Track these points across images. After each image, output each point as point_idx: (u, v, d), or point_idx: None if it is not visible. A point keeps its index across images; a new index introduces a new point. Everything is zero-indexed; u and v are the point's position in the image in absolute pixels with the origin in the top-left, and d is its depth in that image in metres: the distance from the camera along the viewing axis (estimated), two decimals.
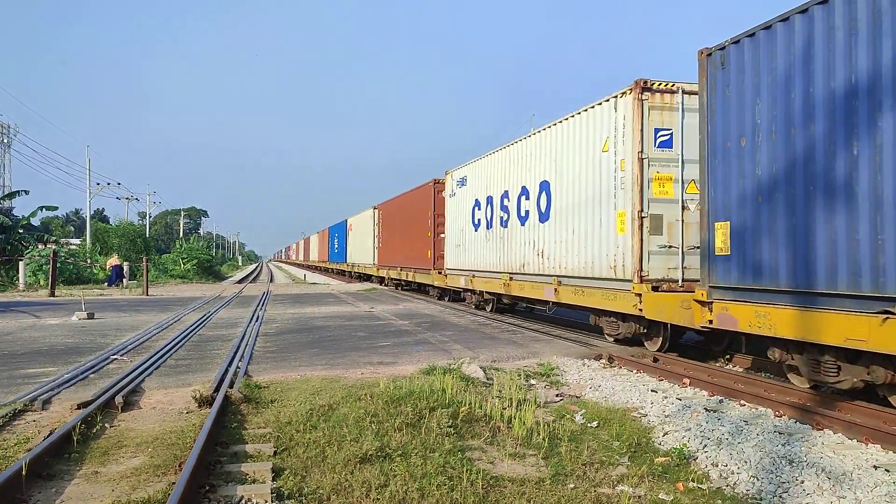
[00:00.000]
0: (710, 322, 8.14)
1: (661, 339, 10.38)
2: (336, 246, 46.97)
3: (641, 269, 9.93)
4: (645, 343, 10.78)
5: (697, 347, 11.02)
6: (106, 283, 30.26)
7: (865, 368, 6.56)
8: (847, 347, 6.34)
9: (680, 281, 9.94)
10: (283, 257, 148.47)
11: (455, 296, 21.51)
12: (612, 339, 11.41)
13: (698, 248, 8.99)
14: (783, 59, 7.06)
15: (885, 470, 5.03)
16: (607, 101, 10.84)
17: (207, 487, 4.60)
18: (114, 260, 31.65)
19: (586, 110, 11.55)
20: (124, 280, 30.94)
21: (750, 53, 7.55)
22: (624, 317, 10.79)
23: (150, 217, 71.07)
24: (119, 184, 54.91)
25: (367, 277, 36.52)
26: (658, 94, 10.06)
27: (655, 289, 9.79)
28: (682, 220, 9.98)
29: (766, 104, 7.31)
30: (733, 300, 7.80)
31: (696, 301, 8.35)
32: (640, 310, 9.83)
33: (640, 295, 9.87)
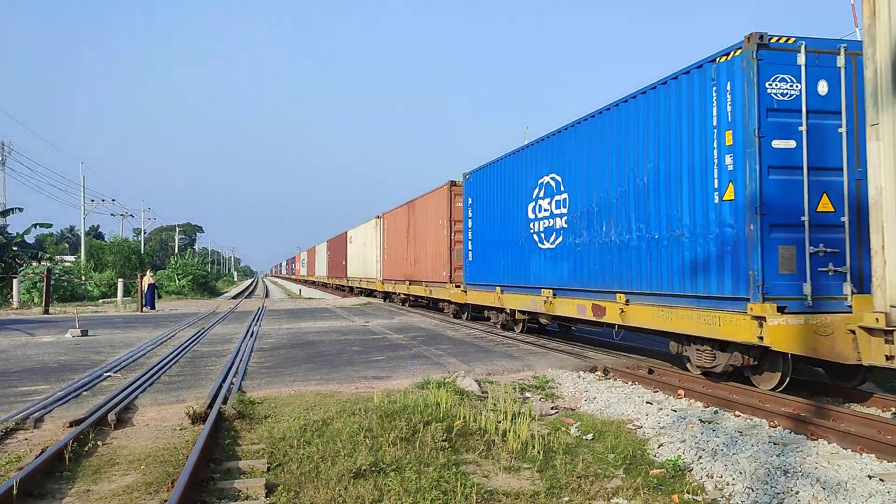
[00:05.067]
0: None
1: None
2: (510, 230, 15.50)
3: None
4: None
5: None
6: (146, 305, 26.83)
7: None
8: None
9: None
10: (286, 272, 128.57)
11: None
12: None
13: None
14: None
15: (880, 479, 5.02)
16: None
17: None
18: (148, 278, 27.87)
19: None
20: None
21: None
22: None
23: (144, 233, 70.96)
24: (114, 200, 54.92)
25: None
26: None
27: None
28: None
29: None
30: None
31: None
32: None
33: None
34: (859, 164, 7.56)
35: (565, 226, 12.09)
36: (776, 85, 7.67)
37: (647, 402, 7.93)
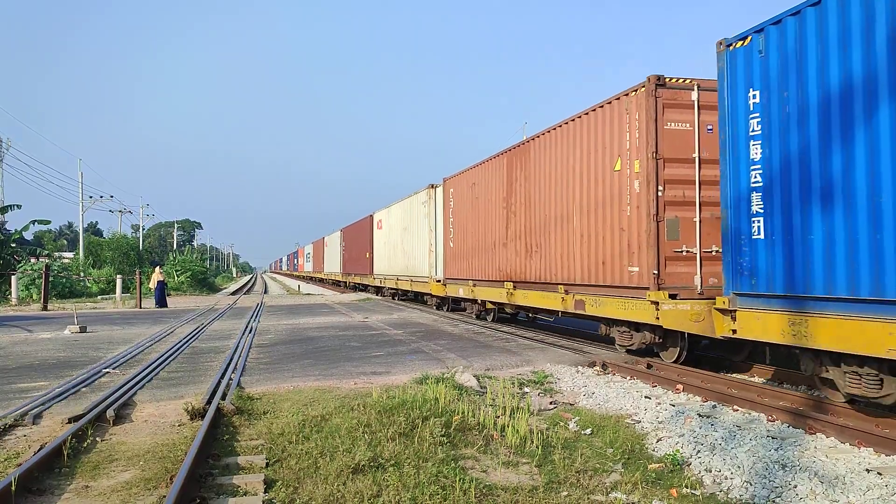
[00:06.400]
0: None
1: None
2: None
3: None
4: None
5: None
6: (156, 304, 26.15)
7: None
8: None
9: None
10: (287, 268, 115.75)
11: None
12: None
13: None
14: None
15: (878, 473, 5.04)
16: None
17: (198, 500, 4.57)
18: (157, 275, 26.92)
19: None
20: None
21: None
22: None
23: (143, 230, 70.88)
24: (112, 197, 54.94)
25: None
26: None
27: None
28: None
29: None
30: None
31: None
32: None
33: None
34: None
35: None
36: None
37: (645, 397, 7.94)
